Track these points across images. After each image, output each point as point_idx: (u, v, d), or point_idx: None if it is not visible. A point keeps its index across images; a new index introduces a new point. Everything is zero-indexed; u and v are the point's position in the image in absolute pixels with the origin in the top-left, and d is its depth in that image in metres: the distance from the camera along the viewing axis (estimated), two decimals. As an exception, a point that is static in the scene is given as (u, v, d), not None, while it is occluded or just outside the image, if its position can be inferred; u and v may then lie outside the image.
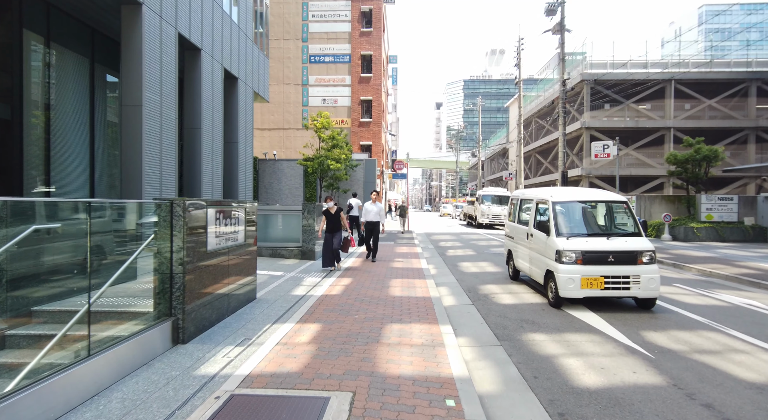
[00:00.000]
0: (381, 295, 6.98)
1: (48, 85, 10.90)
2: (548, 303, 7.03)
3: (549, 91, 36.07)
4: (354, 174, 22.78)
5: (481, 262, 11.78)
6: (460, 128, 69.01)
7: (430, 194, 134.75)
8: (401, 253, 12.78)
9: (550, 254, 6.89)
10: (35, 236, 3.28)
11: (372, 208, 10.88)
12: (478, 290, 8.17)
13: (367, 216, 10.82)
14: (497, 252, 14.17)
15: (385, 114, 38.78)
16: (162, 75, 12.18)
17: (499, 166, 54.17)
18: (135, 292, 4.59)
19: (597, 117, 28.66)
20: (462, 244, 17.02)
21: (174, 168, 12.76)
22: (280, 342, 4.54)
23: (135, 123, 11.24)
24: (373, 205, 10.91)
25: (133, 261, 4.12)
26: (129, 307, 4.45)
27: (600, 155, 22.62)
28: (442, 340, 4.80)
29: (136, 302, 4.49)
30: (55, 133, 11.00)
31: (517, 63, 30.39)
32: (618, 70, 27.63)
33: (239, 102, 17.74)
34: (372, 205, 10.92)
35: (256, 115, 32.48)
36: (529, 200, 8.40)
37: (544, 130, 37.23)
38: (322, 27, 31.91)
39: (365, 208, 10.93)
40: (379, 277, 8.63)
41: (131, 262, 4.10)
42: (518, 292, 7.97)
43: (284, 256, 10.83)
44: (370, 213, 10.81)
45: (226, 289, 5.32)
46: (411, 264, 10.57)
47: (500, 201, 26.91)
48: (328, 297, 6.76)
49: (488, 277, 9.51)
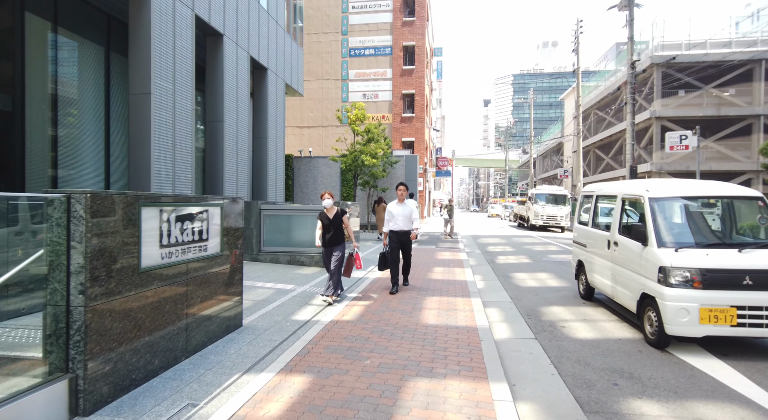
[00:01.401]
0: (409, 323, 5.23)
1: (56, 74, 10.04)
2: (645, 339, 5.01)
3: (610, 79, 32.77)
4: (393, 172, 21.09)
5: (539, 274, 9.72)
6: (510, 124, 65.57)
7: (477, 194, 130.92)
8: (442, 260, 10.94)
9: (648, 271, 4.87)
10: None
11: (399, 211, 7.00)
12: (540, 314, 6.22)
13: (392, 223, 7.03)
14: (558, 260, 11.98)
15: (429, 109, 36.84)
16: (176, 61, 11.03)
17: (553, 164, 50.69)
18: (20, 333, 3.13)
19: (669, 105, 25.36)
20: (514, 248, 14.89)
21: (190, 163, 11.60)
22: (235, 415, 2.91)
23: (143, 113, 10.11)
24: (399, 206, 7.04)
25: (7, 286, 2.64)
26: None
27: (676, 147, 19.67)
28: (493, 414, 3.01)
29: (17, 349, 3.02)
30: (64, 126, 10.13)
31: (575, 48, 27.55)
32: (695, 50, 24.21)
33: (269, 94, 16.53)
34: (398, 206, 7.04)
35: (294, 112, 31.60)
36: (610, 197, 6.34)
37: (604, 122, 33.90)
38: (363, 18, 30.49)
39: (388, 210, 7.11)
40: (410, 294, 6.88)
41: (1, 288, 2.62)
42: (596, 320, 5.95)
43: (303, 263, 9.31)
44: (396, 218, 7.00)
45: (183, 322, 3.78)
46: (453, 274, 8.73)
47: (556, 200, 24.31)
48: (339, 324, 5.10)
49: (551, 295, 7.51)
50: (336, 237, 6.29)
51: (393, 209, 7.08)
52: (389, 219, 7.06)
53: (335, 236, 6.27)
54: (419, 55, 30.09)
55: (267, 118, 16.48)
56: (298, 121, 31.49)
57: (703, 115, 24.44)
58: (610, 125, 32.47)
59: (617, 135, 30.77)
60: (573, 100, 42.15)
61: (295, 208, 9.72)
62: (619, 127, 29.43)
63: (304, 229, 9.61)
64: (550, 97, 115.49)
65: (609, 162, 32.73)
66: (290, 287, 7.16)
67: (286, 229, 9.73)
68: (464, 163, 79.39)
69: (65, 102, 10.25)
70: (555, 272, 9.89)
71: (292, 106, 31.34)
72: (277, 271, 8.51)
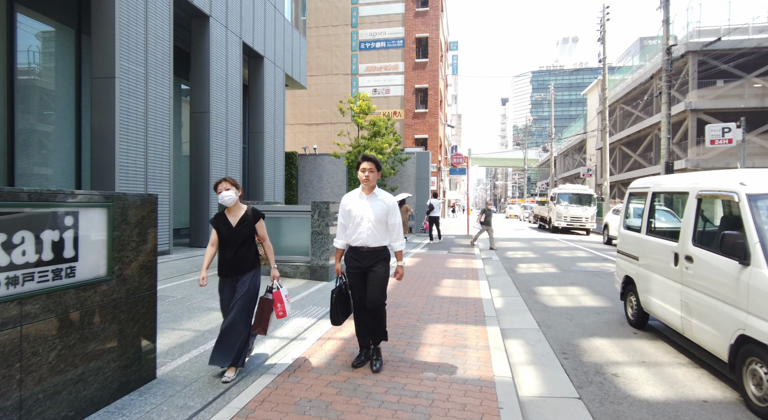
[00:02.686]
0: (397, 375, 3.71)
1: (13, 58, 8.81)
2: (745, 404, 3.40)
3: (638, 72, 30.62)
4: (404, 170, 19.54)
5: (570, 288, 8.09)
6: (529, 122, 63.31)
7: (494, 194, 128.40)
8: (453, 269, 9.38)
9: (752, 304, 3.26)
10: None
11: (363, 210, 3.71)
12: (580, 352, 4.63)
13: (350, 231, 3.76)
14: (590, 269, 10.29)
15: (444, 105, 35.20)
16: (149, 42, 9.68)
17: (574, 162, 48.46)
18: None
19: (706, 97, 23.23)
20: (537, 254, 13.21)
21: (167, 159, 10.25)
22: None
23: (107, 99, 8.76)
24: (365, 201, 3.73)
25: None
26: None
27: (718, 141, 17.72)
28: None
29: None
30: (22, 112, 8.83)
31: (601, 37, 25.61)
32: (735, 36, 22.05)
33: (265, 85, 15.16)
34: (362, 200, 3.75)
35: (302, 109, 30.33)
36: (678, 193, 4.72)
37: (631, 117, 31.76)
38: (373, 10, 29.05)
39: (342, 206, 3.82)
40: (411, 316, 5.36)
41: None
42: (660, 363, 4.34)
43: (287, 274, 7.87)
44: (358, 223, 3.70)
45: (16, 396, 2.34)
46: (465, 289, 7.17)
47: (580, 200, 22.43)
48: (299, 372, 3.62)
49: (590, 320, 5.89)
50: (242, 259, 3.52)
51: (352, 205, 3.70)
52: (345, 223, 3.76)
53: (241, 258, 3.52)
54: (433, 48, 28.50)
55: (264, 112, 15.13)
56: (306, 118, 30.22)
57: (745, 106, 22.27)
58: (637, 120, 30.35)
59: (646, 130, 28.66)
60: (597, 94, 39.97)
61: (280, 209, 8.28)
62: (649, 122, 27.33)
63: (291, 233, 8.17)
64: (570, 94, 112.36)
65: (637, 159, 30.59)
66: (257, 309, 5.70)
67: (271, 233, 8.28)
68: (481, 163, 77.31)
69: (26, 89, 9.02)
70: (589, 286, 8.23)
71: (300, 102, 30.10)
72: (252, 285, 7.07)
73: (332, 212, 7.79)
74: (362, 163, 3.67)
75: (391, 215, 3.74)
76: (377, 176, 3.72)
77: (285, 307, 3.70)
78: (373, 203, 3.69)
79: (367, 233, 3.65)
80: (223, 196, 3.51)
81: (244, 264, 3.57)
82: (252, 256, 3.64)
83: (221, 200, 3.53)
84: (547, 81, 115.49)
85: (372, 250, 3.68)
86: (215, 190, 3.58)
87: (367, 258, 3.68)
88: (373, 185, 3.73)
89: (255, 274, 3.64)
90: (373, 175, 3.66)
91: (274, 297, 3.68)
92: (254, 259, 3.65)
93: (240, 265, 3.55)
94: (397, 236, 3.79)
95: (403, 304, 6.10)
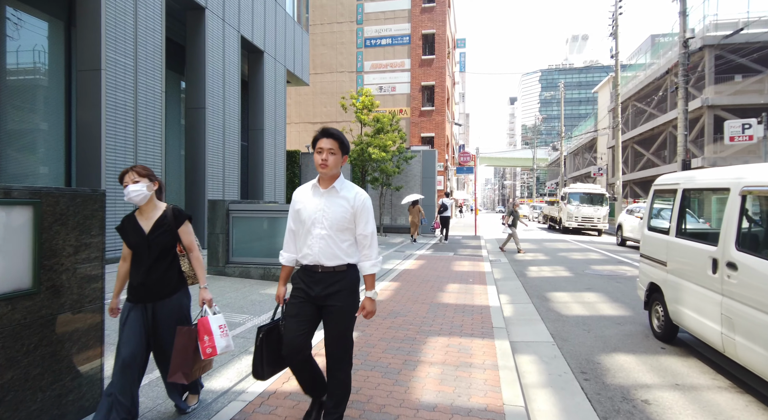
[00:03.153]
0: (389, 404, 3.16)
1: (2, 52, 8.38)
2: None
3: (651, 68, 29.78)
4: (409, 168, 18.96)
5: (585, 294, 7.48)
6: (538, 121, 62.38)
7: (503, 194, 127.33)
8: (459, 273, 8.81)
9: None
10: None
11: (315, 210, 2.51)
12: (602, 372, 4.05)
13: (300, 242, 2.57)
14: (605, 273, 9.67)
15: (451, 103, 34.58)
16: (139, 33, 9.22)
17: (585, 162, 47.57)
18: None
19: (723, 92, 22.39)
20: (548, 257, 12.59)
21: (159, 155, 9.76)
22: None
23: (93, 92, 8.29)
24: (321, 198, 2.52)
25: None
26: None
27: (738, 138, 16.96)
28: None
29: None
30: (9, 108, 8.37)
31: (614, 31, 24.83)
32: (754, 29, 21.18)
33: (266, 81, 14.68)
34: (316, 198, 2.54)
35: (307, 107, 29.89)
36: (716, 190, 4.12)
37: (644, 115, 30.93)
38: (379, 6, 28.52)
39: (294, 202, 2.63)
40: (410, 327, 4.81)
41: None
42: (697, 387, 3.75)
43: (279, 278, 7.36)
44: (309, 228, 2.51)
45: None
46: (471, 295, 6.60)
47: (592, 200, 21.74)
48: (274, 398, 3.09)
49: (610, 332, 5.30)
50: (160, 278, 2.62)
51: (303, 203, 2.56)
52: (294, 229, 2.65)
53: (159, 277, 2.62)
54: (440, 44, 27.90)
55: (264, 108, 14.66)
56: (311, 117, 29.78)
57: (765, 102, 21.39)
58: (650, 117, 29.51)
59: (660, 128, 27.83)
60: (608, 92, 39.10)
61: (273, 209, 7.77)
62: (663, 119, 26.52)
63: (283, 234, 7.65)
64: (579, 93, 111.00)
65: (650, 158, 29.75)
66: (241, 319, 5.18)
67: (262, 235, 7.80)
68: (489, 162, 76.45)
69: (12, 83, 8.59)
70: (606, 292, 7.62)
71: (305, 101, 29.68)
72: (239, 291, 6.56)
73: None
74: (320, 139, 2.46)
75: (360, 220, 2.50)
76: (342, 161, 2.52)
77: (215, 341, 2.57)
78: (331, 201, 2.48)
79: (320, 246, 2.44)
80: (128, 192, 2.54)
81: (165, 286, 2.63)
82: (174, 274, 2.69)
83: (127, 197, 2.57)
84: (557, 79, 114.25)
85: (328, 271, 2.45)
86: (120, 182, 2.61)
87: (320, 283, 2.44)
88: (335, 174, 2.50)
89: (176, 300, 2.69)
90: (335, 160, 2.45)
91: (199, 327, 2.61)
92: (177, 279, 2.70)
93: (157, 288, 2.60)
94: (369, 252, 2.52)
95: (402, 313, 5.55)
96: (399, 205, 18.80)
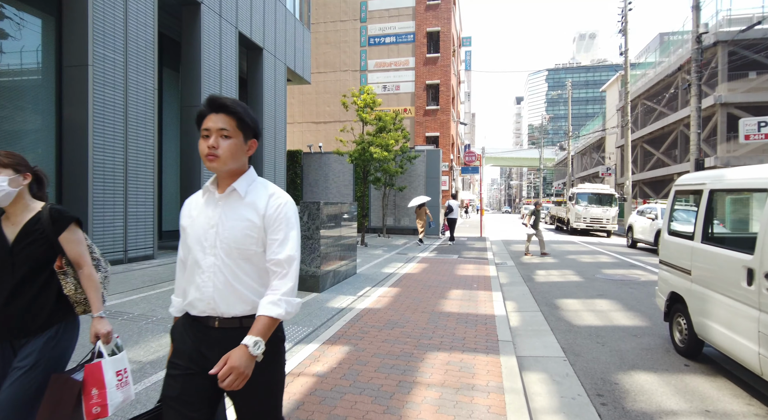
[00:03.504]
0: (381, 430, 2.75)
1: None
2: None
3: (661, 66, 29.15)
4: (413, 168, 18.52)
5: (598, 301, 7.03)
6: (545, 120, 61.70)
7: (509, 195, 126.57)
8: (463, 277, 8.38)
9: None
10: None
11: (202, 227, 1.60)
12: (621, 394, 3.62)
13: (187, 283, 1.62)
14: (617, 278, 9.20)
15: (456, 102, 34.11)
16: (129, 27, 8.86)
17: (592, 161, 46.87)
18: None
19: (737, 90, 21.76)
20: (556, 259, 12.12)
21: (151, 155, 9.40)
22: None
23: (79, 89, 7.92)
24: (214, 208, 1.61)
25: None
26: None
27: (753, 137, 16.37)
28: None
29: None
30: None
31: (623, 28, 24.25)
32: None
33: (265, 79, 14.32)
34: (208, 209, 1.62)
35: (309, 107, 29.55)
36: (750, 190, 3.67)
37: (654, 113, 30.29)
38: (383, 3, 28.11)
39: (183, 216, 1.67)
40: (408, 340, 4.39)
41: None
42: (731, 414, 3.30)
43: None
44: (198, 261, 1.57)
45: None
46: (475, 302, 6.17)
47: (600, 201, 21.21)
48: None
49: (627, 345, 4.85)
50: (28, 306, 1.89)
51: (192, 215, 1.63)
52: (183, 257, 1.66)
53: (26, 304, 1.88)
54: (444, 42, 27.44)
55: (263, 107, 14.30)
56: (314, 116, 29.44)
57: (781, 99, 20.76)
58: (661, 116, 28.87)
59: (670, 127, 27.19)
60: (616, 90, 38.43)
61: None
62: (674, 118, 25.89)
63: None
64: (587, 92, 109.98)
65: (660, 157, 29.11)
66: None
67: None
68: (495, 162, 75.81)
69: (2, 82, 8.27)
70: (619, 299, 7.16)
71: (308, 100, 29.34)
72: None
73: (324, 214, 6.88)
74: (206, 116, 1.58)
75: (272, 235, 1.55)
76: (246, 148, 1.61)
77: (106, 396, 1.81)
78: (230, 212, 1.57)
79: (214, 283, 1.53)
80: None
81: (35, 317, 1.89)
82: (49, 301, 1.94)
83: None
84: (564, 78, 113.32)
85: (231, 326, 1.54)
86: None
87: (218, 345, 1.51)
88: (237, 169, 1.60)
89: (56, 336, 1.92)
90: (232, 146, 1.55)
91: (86, 377, 1.82)
92: (54, 307, 1.95)
93: (22, 320, 1.87)
94: (279, 284, 1.50)
95: (400, 323, 5.14)
96: (402, 206, 18.39)
